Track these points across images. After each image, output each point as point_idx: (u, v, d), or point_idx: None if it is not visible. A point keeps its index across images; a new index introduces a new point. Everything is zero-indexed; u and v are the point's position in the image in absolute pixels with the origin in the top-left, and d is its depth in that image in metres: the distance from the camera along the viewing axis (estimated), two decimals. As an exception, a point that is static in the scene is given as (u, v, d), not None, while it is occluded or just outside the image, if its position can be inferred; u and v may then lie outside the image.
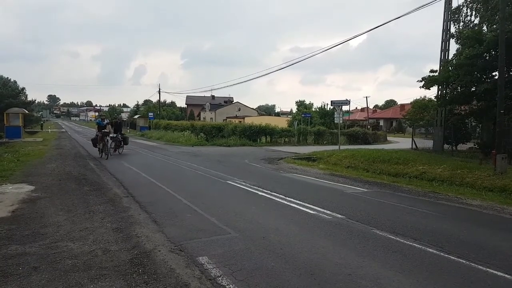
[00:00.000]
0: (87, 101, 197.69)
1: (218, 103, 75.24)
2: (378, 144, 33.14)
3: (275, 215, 7.01)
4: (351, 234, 5.81)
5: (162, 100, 74.08)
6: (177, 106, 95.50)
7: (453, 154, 18.56)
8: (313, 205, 7.75)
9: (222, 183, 10.61)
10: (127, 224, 6.07)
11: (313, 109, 47.74)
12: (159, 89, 54.10)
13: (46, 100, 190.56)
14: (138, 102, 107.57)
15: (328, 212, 7.21)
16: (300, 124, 34.57)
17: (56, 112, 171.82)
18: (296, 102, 72.10)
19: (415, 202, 8.79)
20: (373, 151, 18.55)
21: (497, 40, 13.12)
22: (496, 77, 14.53)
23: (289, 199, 8.41)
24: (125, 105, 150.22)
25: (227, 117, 58.26)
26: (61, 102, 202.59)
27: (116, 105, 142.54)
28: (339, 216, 6.93)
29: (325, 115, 42.83)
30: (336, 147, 22.19)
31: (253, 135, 29.77)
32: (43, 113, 63.84)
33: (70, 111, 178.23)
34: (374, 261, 4.65)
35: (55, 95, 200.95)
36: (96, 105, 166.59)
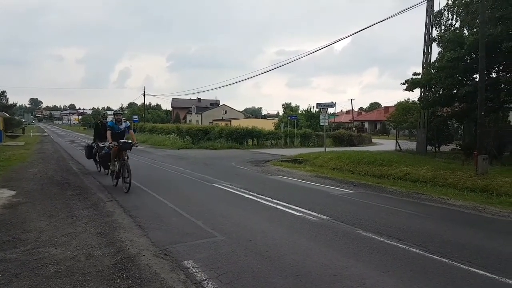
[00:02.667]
0: (70, 105, 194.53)
1: (204, 106, 74.93)
2: (363, 146, 33.52)
3: (262, 217, 7.01)
4: (336, 235, 5.85)
5: (147, 103, 73.18)
6: (163, 109, 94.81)
7: (436, 156, 18.92)
8: (299, 207, 7.77)
9: (208, 186, 10.56)
10: (111, 228, 5.97)
11: (300, 112, 48.04)
12: (144, 92, 53.59)
13: (28, 104, 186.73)
14: (122, 105, 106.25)
15: (314, 213, 7.25)
16: (287, 126, 34.71)
17: (38, 115, 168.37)
18: (282, 105, 72.22)
19: (399, 202, 8.91)
20: (358, 153, 18.75)
21: (477, 43, 13.44)
22: (477, 80, 14.87)
23: (276, 201, 8.42)
24: (109, 108, 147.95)
25: (213, 120, 58.10)
26: (44, 106, 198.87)
27: (100, 108, 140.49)
28: (325, 217, 6.97)
29: (311, 117, 43.12)
30: (322, 149, 22.35)
31: (240, 137, 29.74)
32: (25, 116, 62.30)
33: (53, 114, 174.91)
34: (359, 261, 4.69)
35: (37, 98, 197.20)
36: (79, 109, 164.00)
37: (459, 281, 4.14)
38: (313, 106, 44.98)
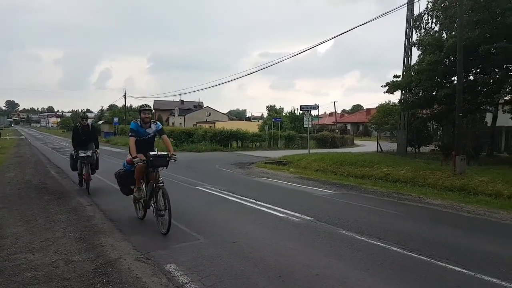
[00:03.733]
0: (48, 107, 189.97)
1: (188, 108, 74.36)
2: (346, 147, 33.96)
3: (246, 219, 7.01)
4: (319, 235, 5.90)
5: (128, 105, 71.88)
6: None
7: (415, 156, 19.34)
8: (283, 208, 7.81)
9: (191, 189, 10.49)
10: (91, 233, 5.86)
11: (284, 114, 48.35)
12: (125, 93, 52.81)
13: (4, 106, 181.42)
14: (102, 107, 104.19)
15: (297, 214, 7.30)
16: (271, 128, 34.85)
17: (15, 118, 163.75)
18: (266, 107, 72.45)
19: (380, 202, 9.06)
20: (340, 154, 18.99)
21: (456, 47, 13.81)
22: (455, 82, 15.28)
23: (260, 203, 8.44)
24: (89, 110, 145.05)
25: (197, 122, 57.74)
26: (21, 108, 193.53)
27: (79, 110, 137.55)
28: (308, 218, 7.03)
29: (295, 119, 43.43)
30: (306, 151, 22.52)
31: (224, 140, 29.68)
32: (0, 119, 60.47)
33: (30, 117, 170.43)
34: (341, 260, 4.75)
35: (13, 101, 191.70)
36: (58, 111, 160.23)
37: (437, 278, 4.24)
38: (297, 108, 45.34)
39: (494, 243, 5.82)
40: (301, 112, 34.76)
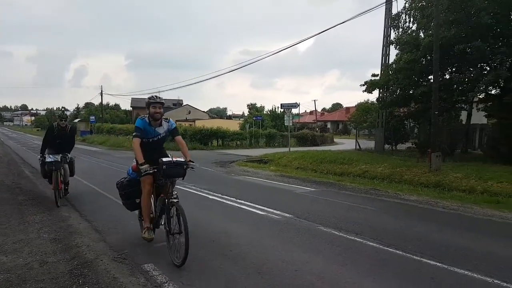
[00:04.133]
0: (22, 105, 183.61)
1: (167, 106, 73.08)
2: (326, 145, 34.37)
3: (226, 218, 7.00)
4: (298, 232, 5.95)
5: (105, 102, 70.72)
6: (122, 109, 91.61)
7: (393, 154, 19.78)
8: (263, 206, 7.83)
9: (171, 187, 10.36)
10: (66, 234, 5.71)
11: (264, 112, 48.40)
12: (102, 91, 51.81)
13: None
14: (78, 105, 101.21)
15: (278, 212, 7.33)
16: (252, 127, 34.88)
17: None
18: (247, 105, 72.36)
19: (358, 199, 9.22)
20: (320, 152, 19.20)
21: (432, 46, 14.16)
22: (432, 81, 15.66)
23: (240, 201, 8.43)
24: (64, 108, 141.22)
25: (176, 120, 56.84)
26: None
27: (55, 109, 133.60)
28: (288, 215, 7.07)
29: (276, 118, 43.60)
30: (286, 149, 22.66)
31: (204, 138, 29.50)
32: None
33: (3, 115, 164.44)
34: (319, 256, 4.81)
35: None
36: (32, 109, 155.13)
37: (412, 271, 4.35)
38: (277, 107, 45.55)
39: (467, 237, 6.03)
40: (281, 110, 34.95)
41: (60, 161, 7.70)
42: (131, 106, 78.77)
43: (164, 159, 4.56)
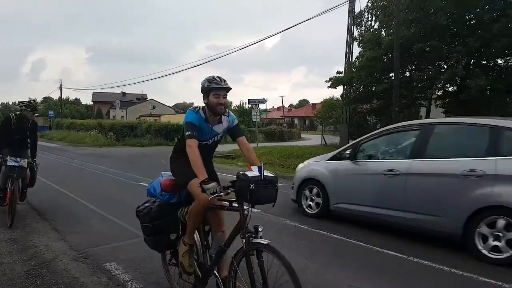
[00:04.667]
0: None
1: (130, 101, 71.33)
2: (293, 141, 34.83)
3: (191, 213, 6.91)
4: (266, 227, 5.96)
5: (64, 97, 67.70)
6: (83, 103, 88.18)
7: (357, 149, 20.32)
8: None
9: (134, 185, 10.08)
10: (23, 233, 5.43)
11: (232, 108, 48.28)
12: (61, 85, 49.47)
13: None
14: (36, 99, 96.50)
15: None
16: (219, 122, 34.66)
17: None
18: (215, 101, 71.55)
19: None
20: (288, 147, 19.41)
21: (393, 44, 14.67)
22: (393, 78, 16.24)
23: (206, 197, 8.34)
24: (21, 102, 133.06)
25: (140, 116, 55.48)
26: None
27: (10, 103, 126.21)
28: (255, 210, 7.06)
29: (244, 113, 43.62)
30: (254, 145, 22.72)
31: (171, 134, 28.94)
32: None
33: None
34: (284, 249, 4.81)
35: None
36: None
37: (375, 260, 4.54)
38: (245, 102, 45.59)
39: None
40: (249, 106, 34.96)
41: (25, 167, 6.03)
42: (92, 101, 75.90)
43: (248, 173, 2.82)
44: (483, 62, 16.18)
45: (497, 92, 14.80)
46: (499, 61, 16.27)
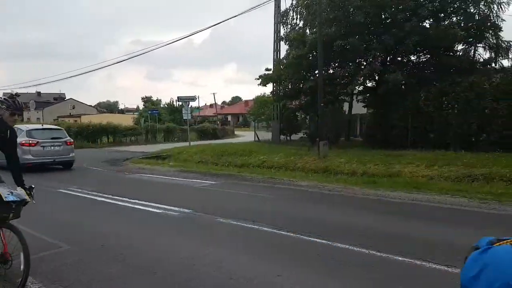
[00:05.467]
0: None
1: (46, 101, 65.54)
2: (227, 138, 34.88)
3: (117, 220, 6.54)
4: (198, 227, 5.89)
5: (-29, 98, 59.75)
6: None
7: (288, 144, 20.99)
8: (160, 204, 7.51)
9: (52, 192, 9.23)
10: None
11: (161, 106, 46.82)
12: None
13: None
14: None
15: (176, 208, 7.12)
16: (148, 121, 33.36)
17: None
18: (142, 98, 69.00)
19: (256, 188, 9.55)
20: (221, 145, 19.38)
21: (316, 42, 15.30)
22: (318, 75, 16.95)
23: (134, 201, 7.94)
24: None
25: (58, 116, 51.17)
26: None
27: None
28: (187, 210, 6.93)
29: (174, 111, 42.53)
30: (186, 144, 22.25)
31: (92, 135, 27.14)
32: None
33: None
34: (219, 248, 4.83)
35: None
36: None
37: (302, 250, 4.70)
38: (175, 100, 44.47)
39: (349, 215, 6.72)
40: (180, 103, 34.19)
41: (24, 201, 3.81)
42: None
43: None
44: (398, 59, 17.66)
45: (411, 86, 16.25)
46: (412, 57, 17.92)
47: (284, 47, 21.23)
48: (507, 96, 13.18)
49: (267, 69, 20.65)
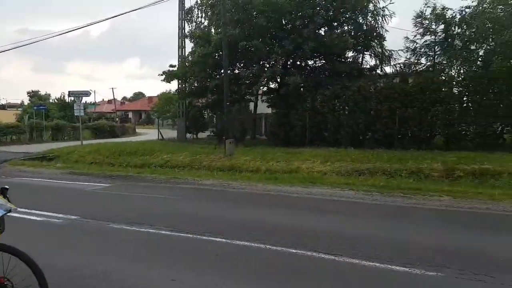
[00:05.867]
0: None
1: None
2: (127, 136, 32.84)
3: (-16, 230, 5.49)
4: (85, 234, 5.29)
5: None
6: None
7: (194, 142, 20.62)
8: (42, 211, 6.58)
9: None
10: None
11: (51, 101, 41.94)
12: None
13: None
14: None
15: (61, 215, 6.30)
16: (33, 118, 29.49)
17: None
18: (28, 93, 61.20)
19: (157, 189, 9.08)
20: (120, 144, 18.10)
21: (221, 42, 15.26)
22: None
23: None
24: None
25: None
26: None
27: None
28: (73, 217, 6.18)
29: (65, 107, 38.29)
30: (79, 143, 20.18)
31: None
32: None
33: None
34: (108, 256, 4.39)
35: None
36: None
37: (200, 250, 4.56)
38: (67, 95, 40.20)
39: (249, 211, 6.81)
40: (71, 99, 30.95)
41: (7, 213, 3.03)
42: None
43: None
44: (298, 62, 18.66)
45: (308, 89, 17.29)
46: (310, 62, 19.10)
47: (189, 44, 20.79)
48: (388, 99, 14.91)
49: (171, 66, 19.99)
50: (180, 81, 20.58)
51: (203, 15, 20.56)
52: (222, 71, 18.56)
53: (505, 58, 14.62)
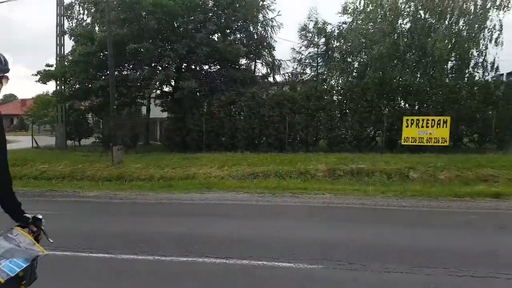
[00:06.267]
0: None
1: None
2: (-6, 145, 28.01)
3: None
4: None
5: None
6: None
7: (76, 150, 18.62)
8: None
9: None
10: None
11: None
12: None
13: None
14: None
15: None
16: None
17: None
18: None
19: (27, 204, 7.77)
20: (-19, 153, 15.25)
21: (106, 41, 14.11)
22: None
23: None
24: None
25: None
26: None
27: None
28: None
29: None
30: None
31: None
32: None
33: None
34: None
35: None
36: None
37: (82, 267, 4.07)
38: None
39: (134, 223, 6.36)
40: None
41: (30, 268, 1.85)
42: None
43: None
44: (192, 67, 18.38)
45: (204, 93, 17.16)
46: (205, 67, 19.00)
47: (70, 43, 18.78)
48: (279, 106, 15.73)
49: (48, 65, 17.76)
50: (58, 82, 18.41)
51: (86, 12, 18.87)
52: (108, 71, 17.25)
53: (376, 70, 16.73)
